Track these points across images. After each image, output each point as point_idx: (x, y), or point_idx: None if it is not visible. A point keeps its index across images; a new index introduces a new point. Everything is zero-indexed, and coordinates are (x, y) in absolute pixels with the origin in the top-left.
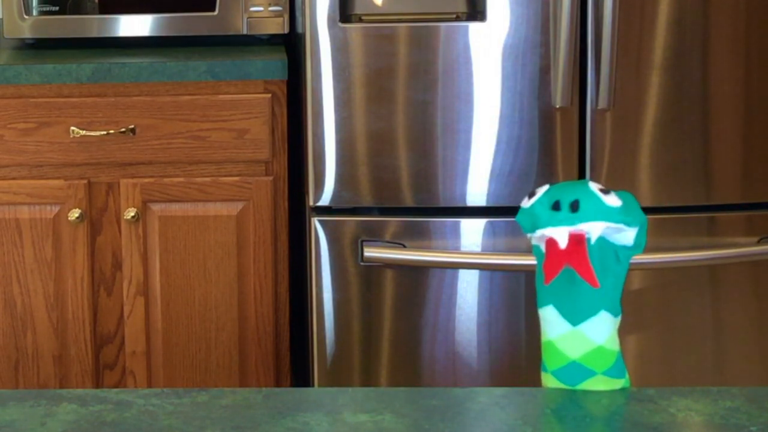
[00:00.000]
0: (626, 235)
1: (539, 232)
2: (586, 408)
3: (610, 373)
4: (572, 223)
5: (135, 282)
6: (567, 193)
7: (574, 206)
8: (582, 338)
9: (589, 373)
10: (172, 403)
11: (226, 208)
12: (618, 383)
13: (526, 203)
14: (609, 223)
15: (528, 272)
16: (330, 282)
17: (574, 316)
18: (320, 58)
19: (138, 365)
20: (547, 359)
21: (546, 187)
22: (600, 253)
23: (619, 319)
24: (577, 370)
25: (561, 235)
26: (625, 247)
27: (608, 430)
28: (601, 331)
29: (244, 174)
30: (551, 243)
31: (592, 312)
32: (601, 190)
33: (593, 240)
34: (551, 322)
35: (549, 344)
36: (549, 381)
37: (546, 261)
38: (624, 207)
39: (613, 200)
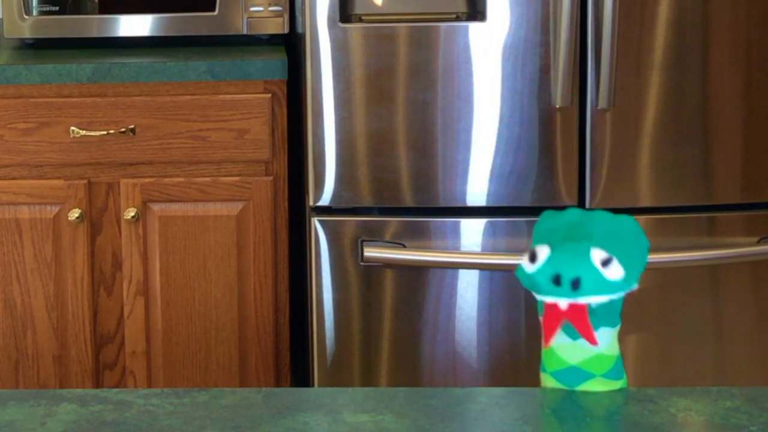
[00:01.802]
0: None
1: (540, 297)
2: (586, 408)
3: (609, 375)
4: (573, 297)
5: (135, 282)
6: (568, 266)
7: (575, 284)
8: (582, 349)
9: (588, 376)
10: (172, 403)
11: (226, 208)
12: (616, 385)
13: (528, 267)
14: (610, 296)
15: None
16: (330, 282)
17: (574, 333)
18: (320, 58)
19: (138, 365)
20: (547, 362)
21: (546, 251)
22: (603, 308)
23: (618, 327)
24: (576, 373)
25: (562, 302)
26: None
27: (608, 430)
28: (600, 341)
29: (244, 174)
30: (551, 305)
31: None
32: (603, 262)
33: (594, 306)
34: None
35: (549, 350)
36: (548, 381)
37: (545, 320)
38: (626, 275)
39: (614, 273)
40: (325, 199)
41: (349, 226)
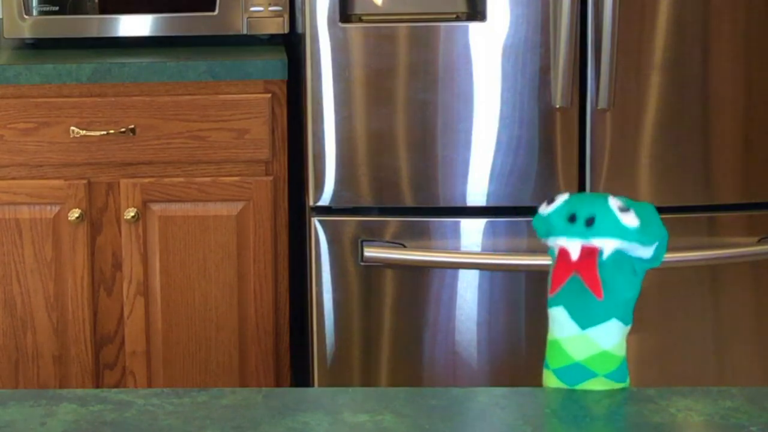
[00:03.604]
0: (647, 249)
1: (552, 241)
2: (586, 408)
3: (613, 376)
4: (585, 238)
5: (135, 282)
6: (585, 206)
7: (590, 222)
8: (588, 342)
9: (591, 375)
10: (172, 403)
11: (226, 208)
12: (617, 386)
13: (544, 210)
14: (623, 242)
15: (528, 272)
16: (330, 282)
17: (584, 320)
18: (320, 58)
19: (138, 365)
20: (551, 357)
21: (566, 195)
22: (615, 264)
23: (629, 327)
24: (579, 371)
25: (573, 247)
26: (641, 260)
27: (608, 430)
28: (609, 337)
29: (244, 174)
30: (563, 253)
31: (602, 318)
32: (620, 208)
33: (605, 256)
34: (560, 322)
35: (554, 343)
36: (550, 378)
37: (555, 269)
38: (641, 227)
39: (630, 219)
40: (325, 199)
41: (349, 226)
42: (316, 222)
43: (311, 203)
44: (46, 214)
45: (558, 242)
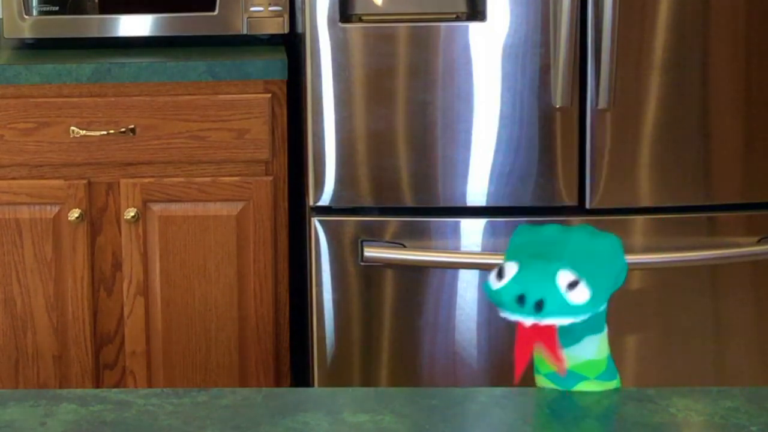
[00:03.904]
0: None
1: (505, 315)
2: (585, 408)
3: (603, 377)
4: (536, 318)
5: (135, 282)
6: (533, 287)
7: (539, 306)
8: (571, 356)
9: (582, 378)
10: (172, 403)
11: (226, 208)
12: (610, 385)
13: (495, 284)
14: (574, 318)
15: None
16: (330, 282)
17: (561, 340)
18: (320, 58)
19: (138, 365)
20: (540, 364)
21: (514, 268)
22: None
23: (605, 331)
24: (569, 375)
25: (527, 322)
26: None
27: (608, 430)
28: (587, 350)
29: (244, 174)
30: (519, 325)
31: (577, 339)
32: (570, 285)
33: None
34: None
35: (539, 356)
36: (543, 383)
37: (516, 346)
38: (593, 297)
39: (579, 296)
40: (325, 199)
41: (349, 226)
42: (316, 222)
43: (311, 203)
44: (46, 214)
45: (510, 318)
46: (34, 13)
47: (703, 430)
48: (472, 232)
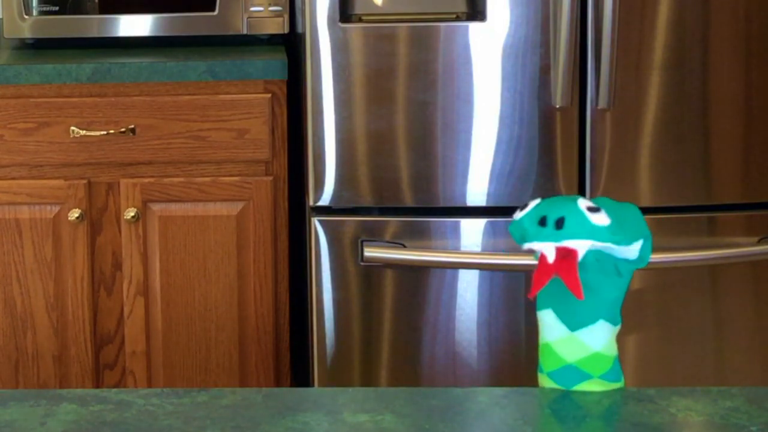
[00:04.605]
0: (628, 249)
1: (527, 246)
2: (586, 408)
3: (607, 377)
4: (556, 240)
5: (135, 282)
6: (554, 209)
7: (559, 224)
8: (579, 344)
9: (586, 376)
10: (172, 403)
11: (226, 208)
12: (613, 387)
13: (517, 215)
14: (594, 242)
15: (528, 272)
16: (330, 282)
17: (572, 322)
18: (320, 58)
19: (138, 365)
20: (544, 361)
21: (537, 200)
22: (597, 266)
23: (618, 327)
24: (573, 372)
25: (548, 249)
26: (626, 261)
27: (608, 430)
28: (598, 338)
29: (244, 174)
30: (541, 256)
31: (590, 320)
32: (590, 209)
33: (581, 257)
34: (549, 325)
35: (546, 346)
36: (545, 382)
37: (535, 273)
38: (613, 225)
39: (600, 219)
40: (325, 199)
41: (349, 226)
42: (316, 222)
43: (311, 203)
44: (46, 214)
45: (532, 246)
46: (34, 13)
47: (703, 430)
48: (472, 232)
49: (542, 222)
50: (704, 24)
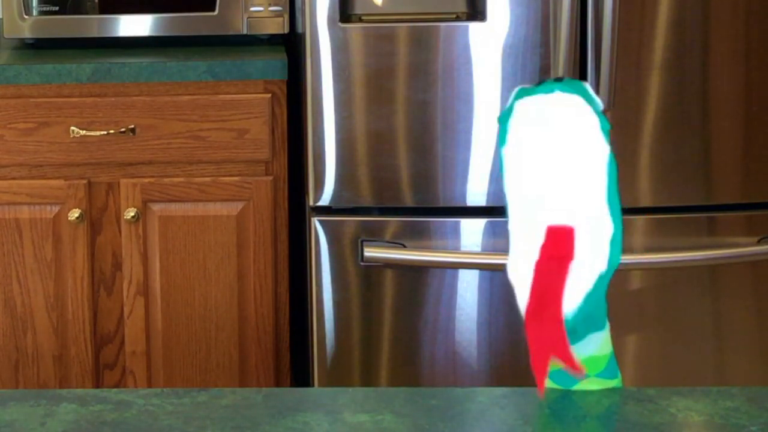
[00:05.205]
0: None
1: (516, 105)
2: (585, 408)
3: (604, 374)
4: (551, 91)
5: (135, 282)
6: (551, 82)
7: (559, 79)
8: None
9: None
10: (172, 403)
11: (226, 208)
12: (611, 383)
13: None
14: (590, 108)
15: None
16: (330, 282)
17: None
18: (320, 58)
19: (138, 365)
20: None
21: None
22: (583, 313)
23: (607, 328)
24: (569, 374)
25: (549, 95)
26: (601, 278)
27: (608, 430)
28: (590, 347)
29: (244, 174)
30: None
31: (580, 337)
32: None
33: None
34: None
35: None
36: None
37: (532, 359)
38: (597, 107)
39: (597, 97)
40: (325, 199)
41: (349, 226)
42: (316, 222)
43: (311, 203)
44: (46, 214)
45: (520, 104)
46: (34, 13)
47: (703, 430)
48: (472, 232)
49: (539, 84)
50: (704, 24)
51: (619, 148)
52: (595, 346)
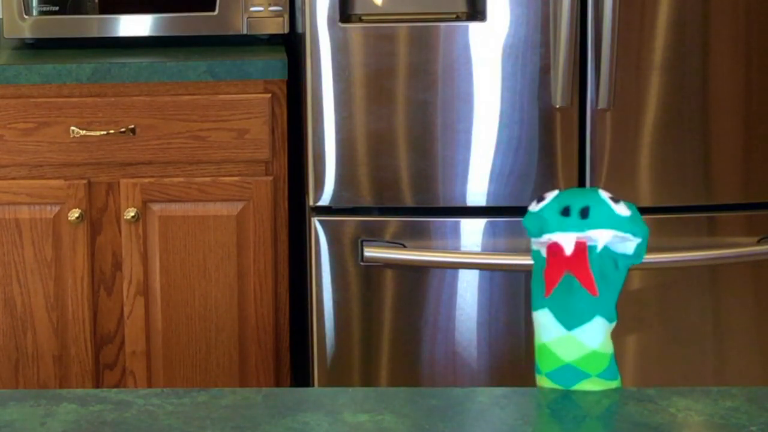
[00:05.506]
0: (628, 245)
1: (546, 237)
2: (585, 408)
3: (604, 375)
4: (581, 230)
5: (135, 282)
6: (577, 199)
7: (584, 213)
8: (576, 343)
9: (584, 376)
10: (172, 403)
11: (226, 208)
12: (611, 385)
13: (535, 207)
14: (617, 232)
15: (528, 272)
16: (330, 282)
17: (569, 320)
18: (320, 58)
19: (138, 365)
20: (541, 362)
21: (555, 192)
22: (600, 260)
23: (613, 324)
24: (571, 372)
25: (568, 241)
26: (625, 256)
27: (608, 430)
28: (594, 336)
29: (244, 174)
30: (555, 249)
31: (587, 318)
32: (611, 199)
33: (599, 248)
34: (545, 325)
35: (543, 347)
36: (544, 383)
37: (548, 268)
38: (632, 217)
39: (622, 209)
40: (325, 199)
41: (349, 226)
42: (316, 222)
43: (311, 203)
44: (46, 214)
45: (552, 238)
46: (34, 13)
47: (703, 430)
48: (472, 232)
49: (565, 212)
50: (704, 24)
51: (619, 148)
52: (599, 338)
